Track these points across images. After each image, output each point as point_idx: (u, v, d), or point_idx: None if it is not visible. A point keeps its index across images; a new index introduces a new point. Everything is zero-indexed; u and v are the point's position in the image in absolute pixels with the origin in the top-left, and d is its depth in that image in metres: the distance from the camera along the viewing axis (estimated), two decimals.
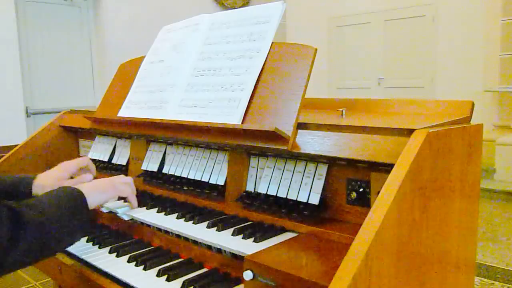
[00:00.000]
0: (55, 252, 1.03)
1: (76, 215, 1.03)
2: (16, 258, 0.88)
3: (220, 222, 1.12)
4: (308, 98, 1.32)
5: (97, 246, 1.22)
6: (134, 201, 1.27)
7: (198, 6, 6.21)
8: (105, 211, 1.30)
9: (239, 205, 1.22)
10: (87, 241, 1.27)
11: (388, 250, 0.77)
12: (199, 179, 1.34)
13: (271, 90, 1.19)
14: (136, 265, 1.08)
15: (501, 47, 5.41)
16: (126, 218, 1.26)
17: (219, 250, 1.05)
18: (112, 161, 1.70)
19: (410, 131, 0.90)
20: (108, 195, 1.17)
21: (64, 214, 1.00)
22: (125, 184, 1.24)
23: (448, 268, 1.02)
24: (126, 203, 1.29)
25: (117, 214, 1.26)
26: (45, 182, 1.28)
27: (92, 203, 1.10)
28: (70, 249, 1.18)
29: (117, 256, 1.14)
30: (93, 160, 1.79)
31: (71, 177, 1.37)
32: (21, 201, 1.22)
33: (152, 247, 1.20)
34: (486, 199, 4.78)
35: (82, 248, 1.23)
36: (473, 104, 1.17)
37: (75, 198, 1.05)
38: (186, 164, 1.40)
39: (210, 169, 1.33)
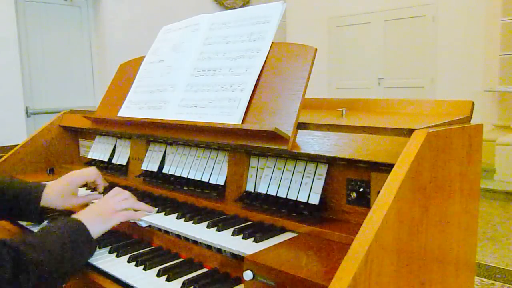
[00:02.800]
0: (62, 283, 1.02)
1: (79, 246, 1.02)
2: None
3: (220, 222, 1.12)
4: (308, 98, 1.32)
5: (97, 246, 1.22)
6: (141, 214, 1.22)
7: (198, 6, 6.21)
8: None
9: (239, 205, 1.22)
10: None
11: (388, 250, 0.77)
12: (199, 179, 1.34)
13: (271, 90, 1.19)
14: (136, 265, 1.08)
15: (501, 47, 5.41)
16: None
17: (219, 250, 1.05)
18: (112, 161, 1.70)
19: (410, 131, 0.90)
20: (111, 224, 1.14)
21: (67, 247, 0.99)
22: (126, 203, 1.20)
23: (448, 268, 1.02)
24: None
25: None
26: (52, 194, 1.28)
27: (95, 233, 1.08)
28: None
29: (117, 256, 1.14)
30: (93, 160, 1.79)
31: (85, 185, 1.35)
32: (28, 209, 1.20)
33: (152, 247, 1.20)
34: (486, 199, 4.78)
35: None
36: (473, 104, 1.17)
37: (77, 230, 1.04)
38: (186, 164, 1.40)
39: (210, 169, 1.33)
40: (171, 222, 1.17)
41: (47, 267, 0.93)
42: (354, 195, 1.05)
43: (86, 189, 1.54)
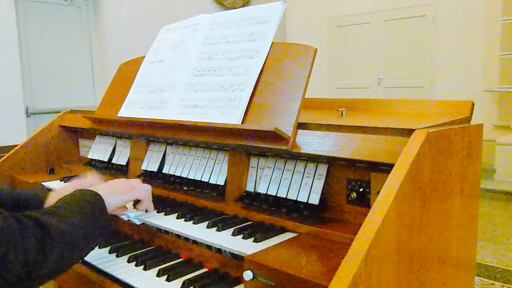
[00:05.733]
0: (79, 260, 1.00)
1: (97, 219, 1.00)
2: (47, 270, 0.86)
3: (220, 222, 1.12)
4: (308, 98, 1.32)
5: (97, 246, 1.22)
6: (148, 206, 1.21)
7: (198, 6, 6.21)
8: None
9: (239, 205, 1.22)
10: None
11: (388, 250, 0.77)
12: (199, 179, 1.34)
13: (271, 90, 1.19)
14: (136, 265, 1.08)
15: (501, 47, 5.40)
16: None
17: (219, 250, 1.05)
18: (112, 161, 1.70)
19: (410, 131, 0.90)
20: (126, 197, 1.13)
21: (86, 219, 0.97)
22: (142, 187, 1.20)
23: (448, 268, 1.02)
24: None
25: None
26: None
27: (110, 205, 1.06)
28: None
29: (117, 256, 1.14)
30: (93, 160, 1.79)
31: None
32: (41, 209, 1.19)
33: (152, 247, 1.20)
34: (486, 199, 4.78)
35: None
36: (473, 104, 1.17)
37: (95, 202, 1.03)
38: (186, 164, 1.40)
39: (210, 169, 1.33)
40: (171, 222, 1.17)
41: (70, 238, 0.91)
42: (354, 195, 1.05)
43: None
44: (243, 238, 1.03)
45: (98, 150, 1.79)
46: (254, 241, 1.01)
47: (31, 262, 0.83)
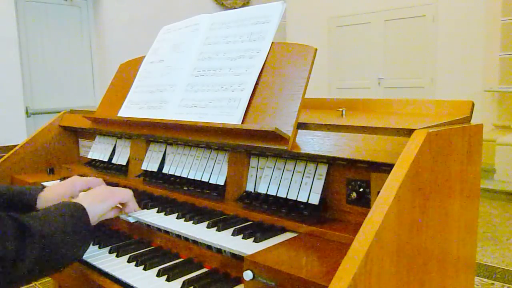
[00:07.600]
0: (61, 266, 1.01)
1: (79, 229, 1.02)
2: (24, 271, 0.86)
3: (220, 222, 1.12)
4: (308, 98, 1.32)
5: (97, 246, 1.22)
6: (132, 207, 1.22)
7: (198, 6, 6.21)
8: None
9: (239, 205, 1.22)
10: None
11: (388, 250, 0.77)
12: (199, 179, 1.34)
13: (271, 90, 1.19)
14: (136, 265, 1.08)
15: (501, 47, 5.41)
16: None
17: (219, 250, 1.05)
18: (112, 161, 1.70)
19: (410, 131, 0.90)
20: (108, 203, 1.15)
21: (68, 227, 0.99)
22: (124, 191, 1.22)
23: (448, 268, 1.02)
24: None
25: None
26: (50, 196, 1.25)
27: (95, 214, 1.08)
28: None
29: (117, 256, 1.14)
30: (93, 160, 1.79)
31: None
32: (24, 213, 1.21)
33: (152, 247, 1.20)
34: (486, 199, 4.78)
35: None
36: (473, 104, 1.17)
37: (77, 213, 1.04)
38: (186, 164, 1.40)
39: (210, 169, 1.33)
40: (171, 222, 1.17)
41: (50, 242, 0.92)
42: (354, 195, 1.05)
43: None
44: (243, 238, 1.03)
45: (98, 150, 1.79)
46: (254, 241, 1.01)
47: (9, 259, 0.83)
